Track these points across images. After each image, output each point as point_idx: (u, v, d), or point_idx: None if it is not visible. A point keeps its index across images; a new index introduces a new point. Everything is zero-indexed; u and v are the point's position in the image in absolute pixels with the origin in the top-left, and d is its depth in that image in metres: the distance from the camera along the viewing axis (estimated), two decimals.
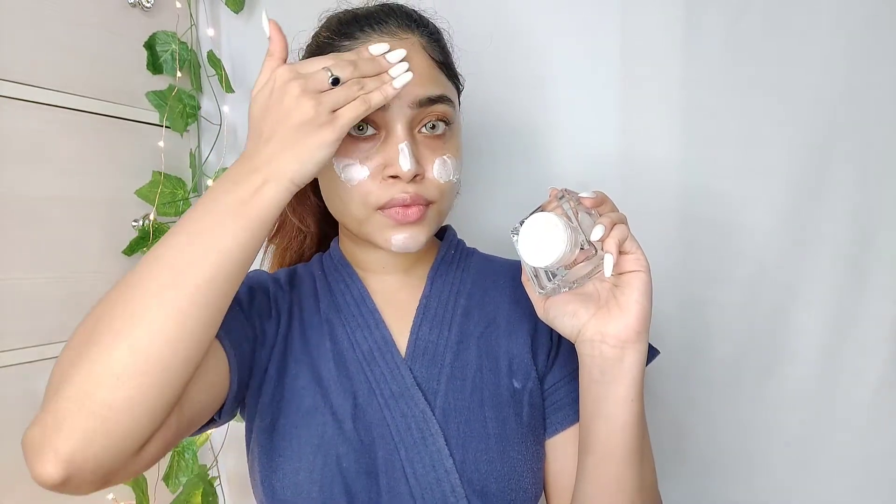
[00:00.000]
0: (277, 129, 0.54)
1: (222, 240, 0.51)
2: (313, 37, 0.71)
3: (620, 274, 0.57)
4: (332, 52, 0.64)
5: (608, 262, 0.54)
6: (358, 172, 0.63)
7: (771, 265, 0.90)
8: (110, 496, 1.04)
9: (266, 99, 0.56)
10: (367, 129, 0.63)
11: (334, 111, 0.54)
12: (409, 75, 0.58)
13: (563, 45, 0.97)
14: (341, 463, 0.62)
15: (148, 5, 1.07)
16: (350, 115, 0.55)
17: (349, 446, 0.63)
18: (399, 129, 0.62)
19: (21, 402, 0.92)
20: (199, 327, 0.51)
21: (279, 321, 0.69)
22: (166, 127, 1.08)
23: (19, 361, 0.92)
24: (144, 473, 1.05)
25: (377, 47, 0.59)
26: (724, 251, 0.91)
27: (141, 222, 1.07)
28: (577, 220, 0.55)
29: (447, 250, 0.75)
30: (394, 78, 0.58)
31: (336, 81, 0.55)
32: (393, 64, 0.58)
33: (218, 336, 0.60)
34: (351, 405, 0.64)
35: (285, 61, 0.58)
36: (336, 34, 0.66)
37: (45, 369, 0.94)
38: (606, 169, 0.95)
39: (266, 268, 0.86)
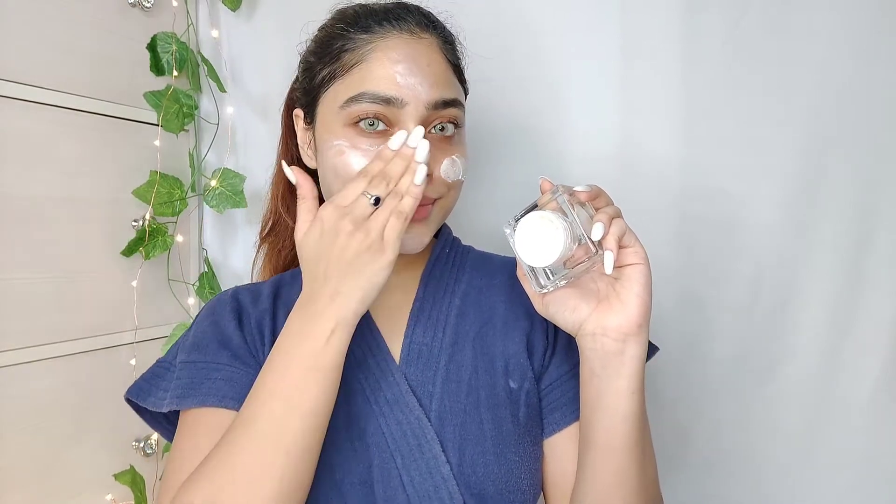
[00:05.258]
0: (334, 266, 0.57)
1: (305, 403, 0.55)
2: (321, 28, 0.70)
3: (620, 267, 0.57)
4: (346, 43, 0.64)
5: (608, 259, 0.53)
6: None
7: (771, 264, 0.89)
8: (109, 496, 1.04)
9: (317, 242, 0.59)
10: (378, 125, 0.63)
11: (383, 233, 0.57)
12: (425, 154, 0.60)
13: (562, 46, 0.96)
14: (335, 475, 0.61)
15: (148, 5, 1.07)
16: (395, 234, 0.57)
17: (342, 456, 0.62)
18: (412, 128, 0.62)
19: (21, 402, 0.92)
20: (302, 477, 0.56)
21: (260, 345, 0.68)
22: (162, 127, 1.08)
23: (19, 361, 0.92)
24: (142, 473, 1.05)
25: (396, 139, 0.60)
26: (724, 250, 0.91)
27: (140, 222, 1.07)
28: (574, 214, 0.54)
29: (442, 249, 0.75)
30: (418, 164, 0.59)
31: (378, 200, 0.58)
32: (414, 149, 0.60)
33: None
34: (344, 413, 0.63)
35: (317, 200, 0.62)
36: (352, 25, 0.65)
37: (45, 369, 0.95)
38: (606, 168, 0.95)
39: (258, 268, 0.85)
